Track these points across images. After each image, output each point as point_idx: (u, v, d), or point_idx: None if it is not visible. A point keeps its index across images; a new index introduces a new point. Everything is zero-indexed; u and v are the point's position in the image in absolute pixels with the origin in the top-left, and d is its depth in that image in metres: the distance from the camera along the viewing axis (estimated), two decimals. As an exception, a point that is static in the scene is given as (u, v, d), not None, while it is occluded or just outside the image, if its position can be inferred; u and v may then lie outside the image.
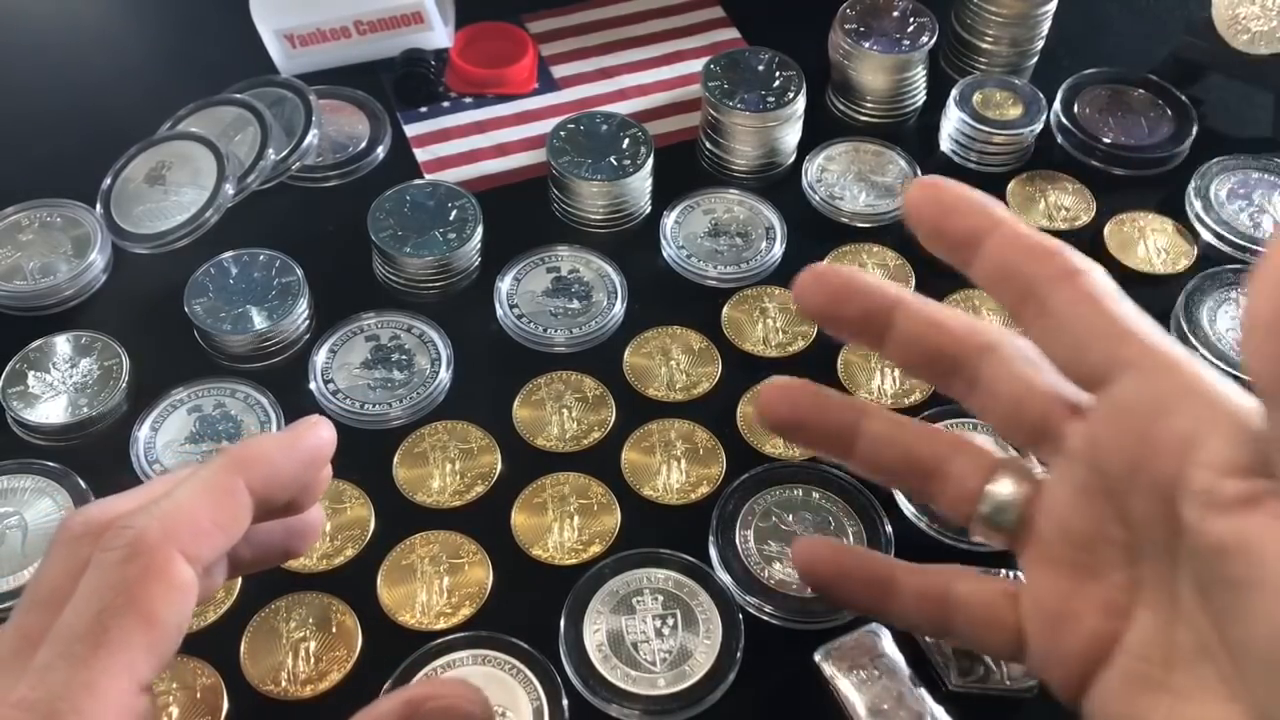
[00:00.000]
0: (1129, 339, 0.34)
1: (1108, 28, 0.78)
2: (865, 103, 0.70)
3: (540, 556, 0.51)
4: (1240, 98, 0.72)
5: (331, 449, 0.39)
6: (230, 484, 0.35)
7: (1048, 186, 0.67)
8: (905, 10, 0.70)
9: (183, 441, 0.54)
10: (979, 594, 0.39)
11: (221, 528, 0.35)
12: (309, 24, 0.70)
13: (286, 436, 0.38)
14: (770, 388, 0.41)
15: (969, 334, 0.38)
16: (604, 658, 0.48)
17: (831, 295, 0.39)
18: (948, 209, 0.37)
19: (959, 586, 0.39)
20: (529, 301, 0.60)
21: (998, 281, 0.37)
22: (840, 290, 0.39)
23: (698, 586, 0.50)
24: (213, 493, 0.35)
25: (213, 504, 0.35)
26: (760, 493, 0.53)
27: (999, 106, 0.68)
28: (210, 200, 0.61)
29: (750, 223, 0.64)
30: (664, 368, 0.58)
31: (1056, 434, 0.36)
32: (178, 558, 0.33)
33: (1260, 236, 0.64)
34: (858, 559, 0.42)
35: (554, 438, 0.55)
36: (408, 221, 0.61)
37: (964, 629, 0.39)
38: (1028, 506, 0.37)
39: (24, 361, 0.57)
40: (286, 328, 0.58)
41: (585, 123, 0.65)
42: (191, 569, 0.33)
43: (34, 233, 0.62)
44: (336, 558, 0.51)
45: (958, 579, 0.40)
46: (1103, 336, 0.34)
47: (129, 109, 0.68)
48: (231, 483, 0.35)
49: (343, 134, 0.68)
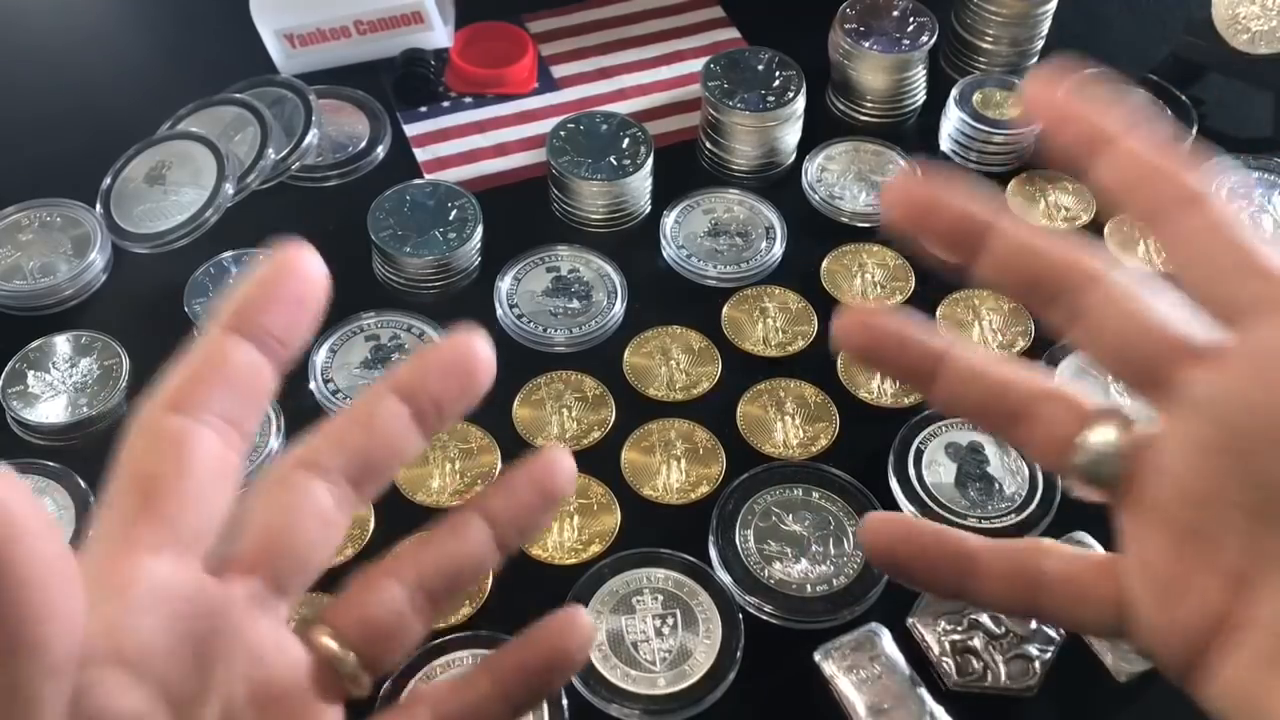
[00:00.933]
0: (1269, 276, 0.31)
1: (1108, 27, 0.78)
2: (865, 103, 0.70)
3: (540, 556, 0.51)
4: (1240, 98, 0.72)
5: (320, 275, 0.34)
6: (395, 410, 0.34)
7: (1048, 186, 0.67)
8: (905, 10, 0.70)
9: (183, 441, 0.54)
10: (1070, 568, 0.36)
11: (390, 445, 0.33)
12: (309, 24, 0.70)
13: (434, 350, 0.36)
14: (848, 313, 0.38)
15: (1070, 262, 0.34)
16: (604, 657, 0.48)
17: (922, 206, 0.36)
18: (1067, 113, 0.35)
19: (1047, 561, 0.36)
20: (529, 301, 0.60)
21: (1119, 197, 0.34)
22: (931, 201, 0.36)
23: (698, 586, 0.50)
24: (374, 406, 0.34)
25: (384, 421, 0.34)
26: (760, 493, 0.53)
27: (999, 106, 0.68)
28: (210, 200, 0.61)
29: (750, 222, 0.64)
30: (664, 368, 0.58)
31: (1172, 380, 0.32)
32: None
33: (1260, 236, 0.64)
34: (935, 536, 0.38)
35: (554, 437, 0.55)
36: (408, 221, 0.61)
37: (1054, 606, 0.36)
38: (1133, 460, 0.33)
39: (24, 361, 0.57)
40: (286, 327, 0.58)
41: (585, 122, 0.65)
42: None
43: (34, 233, 0.62)
44: (337, 556, 0.51)
45: (1045, 553, 0.36)
46: (1237, 270, 0.31)
47: (129, 109, 0.68)
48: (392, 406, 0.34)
49: (343, 134, 0.68)
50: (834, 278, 0.62)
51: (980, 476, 0.54)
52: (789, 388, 0.58)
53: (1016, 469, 0.54)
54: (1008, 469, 0.54)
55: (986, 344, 0.59)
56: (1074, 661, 0.48)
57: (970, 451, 0.55)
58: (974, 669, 0.47)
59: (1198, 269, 0.32)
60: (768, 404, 0.57)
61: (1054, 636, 0.48)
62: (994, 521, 0.52)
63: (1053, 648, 0.48)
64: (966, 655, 0.48)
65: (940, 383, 0.37)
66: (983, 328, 0.60)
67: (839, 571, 0.50)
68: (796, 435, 0.56)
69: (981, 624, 0.49)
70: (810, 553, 0.51)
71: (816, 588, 0.50)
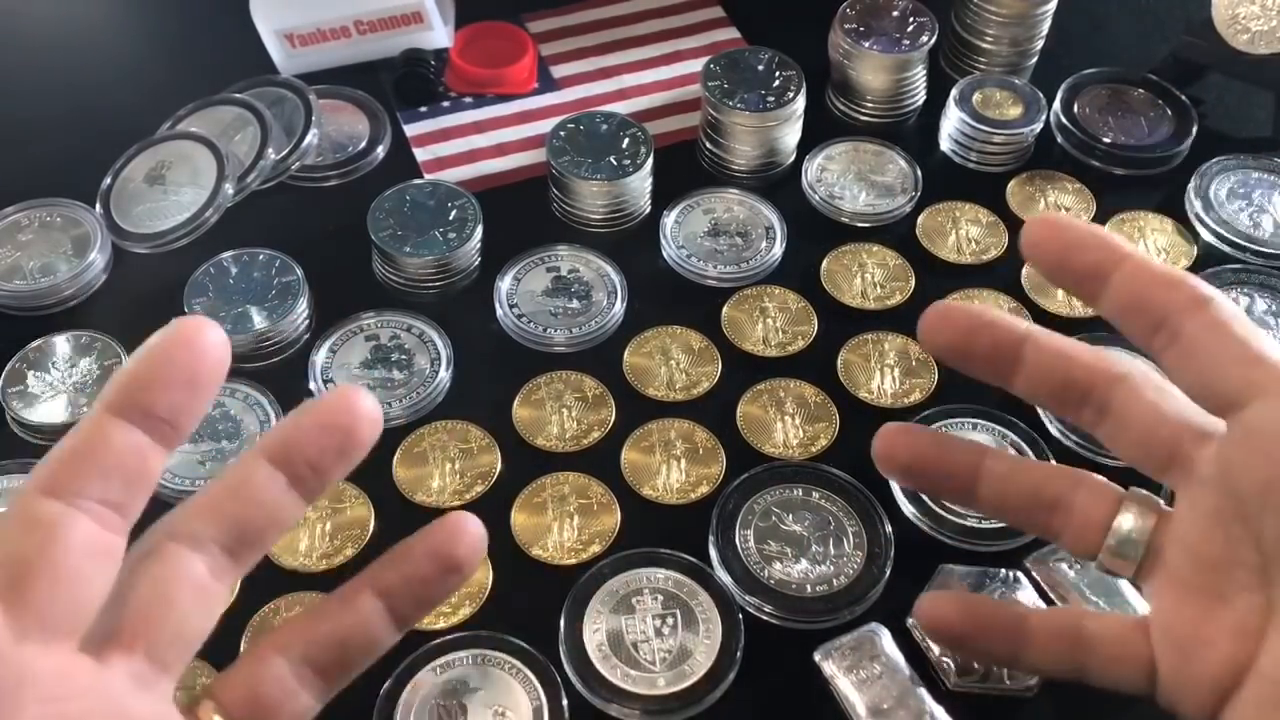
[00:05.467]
0: (1261, 364, 0.34)
1: (1108, 28, 0.78)
2: (865, 102, 0.70)
3: (540, 556, 0.51)
4: (1240, 98, 0.72)
5: (218, 351, 0.32)
6: (261, 474, 0.33)
7: (1048, 186, 0.67)
8: (905, 10, 0.70)
9: (182, 441, 0.54)
10: (1111, 630, 0.39)
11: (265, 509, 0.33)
12: (309, 24, 0.70)
13: (308, 406, 0.34)
14: (890, 432, 0.42)
15: (1098, 364, 0.38)
16: (604, 657, 0.48)
17: (960, 332, 0.39)
18: (1071, 245, 0.38)
19: (1089, 624, 0.39)
20: (529, 301, 0.60)
21: (1128, 313, 0.37)
22: (968, 327, 0.39)
23: (698, 586, 0.50)
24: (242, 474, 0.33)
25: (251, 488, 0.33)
26: (760, 492, 0.53)
27: (999, 106, 0.68)
28: (210, 200, 0.61)
29: (750, 222, 0.64)
30: (664, 367, 0.58)
31: (1187, 460, 0.36)
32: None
33: (1260, 236, 0.64)
34: (989, 610, 0.42)
35: (554, 437, 0.55)
36: (408, 221, 0.61)
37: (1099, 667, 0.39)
38: (1155, 536, 0.38)
39: (24, 361, 0.57)
40: (286, 328, 0.58)
41: (585, 123, 0.65)
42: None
43: (34, 232, 0.62)
44: (336, 558, 0.51)
45: (1086, 617, 0.40)
46: (1235, 362, 0.35)
47: (129, 109, 0.68)
48: (257, 470, 0.33)
49: (343, 134, 0.68)
50: (834, 278, 0.62)
51: (980, 476, 0.54)
52: (789, 388, 0.58)
53: (1016, 469, 0.54)
54: (1008, 469, 0.54)
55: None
56: (1074, 661, 0.48)
57: (970, 451, 0.55)
58: (974, 669, 0.47)
59: (1198, 363, 0.36)
60: (768, 404, 0.57)
61: (1054, 636, 0.49)
62: (994, 522, 0.52)
63: (1053, 648, 0.48)
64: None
65: (981, 491, 0.41)
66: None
67: (839, 571, 0.50)
68: (796, 435, 0.56)
69: (981, 624, 0.49)
70: (810, 553, 0.51)
71: (816, 588, 0.50)
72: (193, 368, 0.31)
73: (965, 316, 0.39)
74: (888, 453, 0.42)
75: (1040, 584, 0.50)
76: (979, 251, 0.64)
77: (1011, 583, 0.50)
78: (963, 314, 0.40)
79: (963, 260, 0.63)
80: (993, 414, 0.56)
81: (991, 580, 0.50)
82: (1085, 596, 0.50)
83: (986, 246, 0.64)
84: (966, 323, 0.39)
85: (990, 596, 0.49)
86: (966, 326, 0.39)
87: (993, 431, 0.55)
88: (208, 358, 0.31)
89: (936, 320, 0.39)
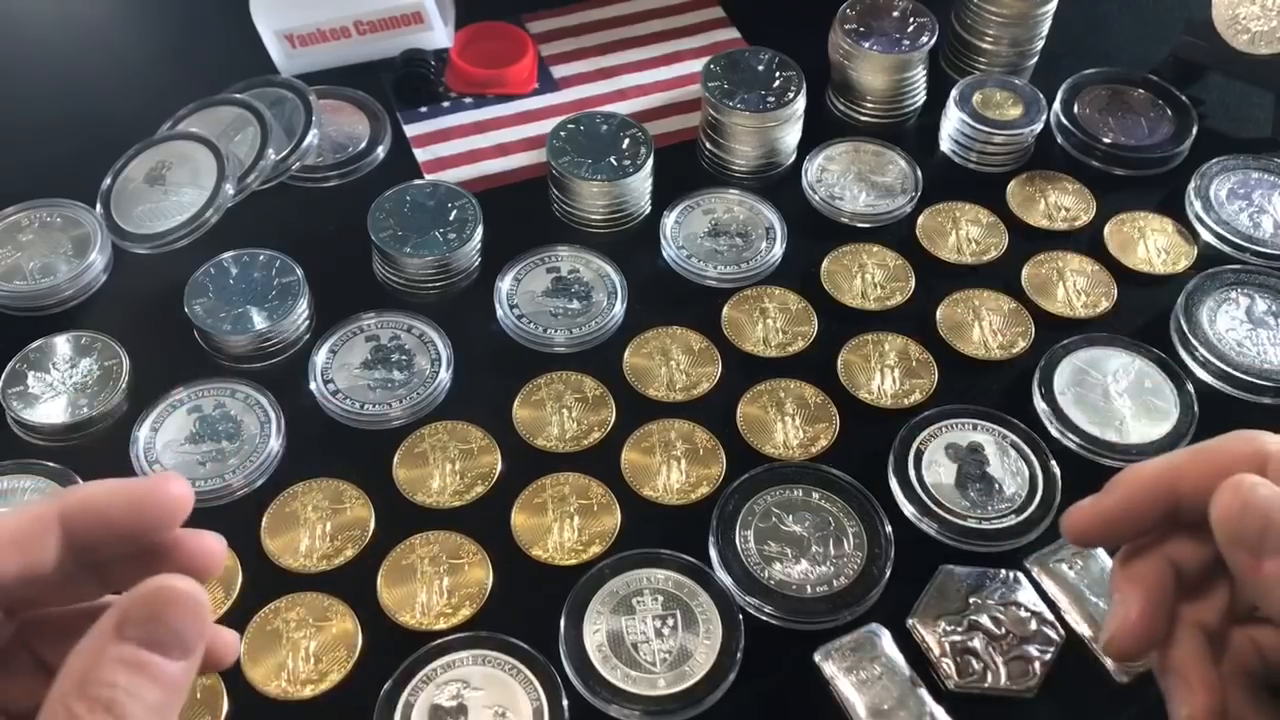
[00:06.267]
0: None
1: (1108, 28, 0.78)
2: (865, 103, 0.70)
3: (540, 557, 0.51)
4: (1240, 98, 0.72)
5: (180, 506, 0.34)
6: (41, 512, 0.34)
7: (1048, 186, 0.67)
8: (905, 10, 0.70)
9: (182, 441, 0.54)
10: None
11: (17, 545, 0.33)
12: (309, 24, 0.70)
13: (124, 482, 0.35)
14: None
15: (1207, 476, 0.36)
16: (604, 658, 0.48)
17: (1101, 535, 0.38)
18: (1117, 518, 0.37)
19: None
20: (529, 301, 0.60)
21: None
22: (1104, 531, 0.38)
23: (698, 587, 0.50)
24: (20, 516, 0.34)
25: (15, 525, 0.34)
26: (760, 493, 0.53)
27: (999, 106, 0.68)
28: (210, 200, 0.61)
29: (750, 223, 0.64)
30: (664, 368, 0.58)
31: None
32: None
33: (1260, 236, 0.64)
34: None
35: (554, 438, 0.55)
36: (408, 221, 0.61)
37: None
38: None
39: (24, 361, 0.57)
40: (286, 328, 0.58)
41: (585, 123, 0.65)
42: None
43: (34, 233, 0.62)
44: (336, 558, 0.51)
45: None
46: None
47: (129, 109, 0.68)
48: (43, 511, 0.34)
49: (343, 134, 0.68)
50: (834, 278, 0.62)
51: (980, 477, 0.54)
52: (789, 388, 0.58)
53: (1016, 470, 0.54)
54: (1008, 470, 0.54)
55: (986, 345, 0.59)
56: (1074, 662, 0.48)
57: (970, 452, 0.55)
58: (974, 670, 0.47)
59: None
60: (768, 404, 0.57)
61: (1054, 638, 0.48)
62: (994, 522, 0.52)
63: (1053, 649, 0.48)
64: (966, 656, 0.48)
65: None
66: (983, 329, 0.60)
67: (839, 572, 0.50)
68: (796, 435, 0.56)
69: (981, 625, 0.49)
70: (810, 553, 0.51)
71: (816, 588, 0.50)
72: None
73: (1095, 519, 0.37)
74: (1080, 540, 0.39)
75: (1040, 584, 0.50)
76: (979, 252, 0.64)
77: (1011, 583, 0.50)
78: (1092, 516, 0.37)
79: (963, 260, 0.63)
80: (993, 414, 0.56)
81: (991, 580, 0.50)
82: (1085, 596, 0.50)
83: (987, 247, 0.64)
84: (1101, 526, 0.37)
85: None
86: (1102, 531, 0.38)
87: (993, 432, 0.55)
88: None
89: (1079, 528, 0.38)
